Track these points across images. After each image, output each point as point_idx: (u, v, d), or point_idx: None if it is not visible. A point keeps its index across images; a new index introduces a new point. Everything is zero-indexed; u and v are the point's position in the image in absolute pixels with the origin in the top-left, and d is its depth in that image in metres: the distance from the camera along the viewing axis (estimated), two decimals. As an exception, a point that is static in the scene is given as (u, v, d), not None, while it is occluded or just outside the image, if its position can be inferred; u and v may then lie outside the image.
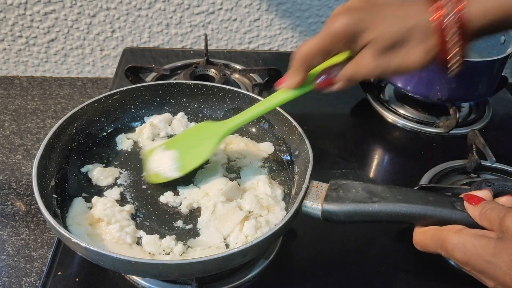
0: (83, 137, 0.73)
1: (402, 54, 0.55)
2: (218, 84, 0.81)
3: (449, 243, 0.51)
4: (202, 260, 0.51)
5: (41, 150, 0.62)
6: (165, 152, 0.70)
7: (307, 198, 0.59)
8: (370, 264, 0.67)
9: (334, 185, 0.60)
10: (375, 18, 0.54)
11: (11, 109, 1.00)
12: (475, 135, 0.82)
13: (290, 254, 0.68)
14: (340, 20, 0.54)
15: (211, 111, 0.82)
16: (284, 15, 1.18)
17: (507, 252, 0.45)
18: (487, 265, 0.47)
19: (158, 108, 0.81)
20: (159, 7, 1.13)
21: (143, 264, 0.51)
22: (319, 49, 0.56)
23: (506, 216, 0.47)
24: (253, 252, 0.56)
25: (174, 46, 1.20)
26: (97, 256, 0.52)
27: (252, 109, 0.66)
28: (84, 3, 1.10)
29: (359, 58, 0.56)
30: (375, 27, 0.54)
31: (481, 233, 0.49)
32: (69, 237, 0.52)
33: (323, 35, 0.56)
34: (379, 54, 0.55)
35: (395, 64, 0.55)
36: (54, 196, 0.63)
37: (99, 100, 0.74)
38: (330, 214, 0.58)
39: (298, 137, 0.71)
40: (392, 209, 0.56)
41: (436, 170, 0.81)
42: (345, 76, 0.59)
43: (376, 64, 0.55)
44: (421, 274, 0.66)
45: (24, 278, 0.67)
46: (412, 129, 0.95)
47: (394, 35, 0.54)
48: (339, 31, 0.54)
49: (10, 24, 1.11)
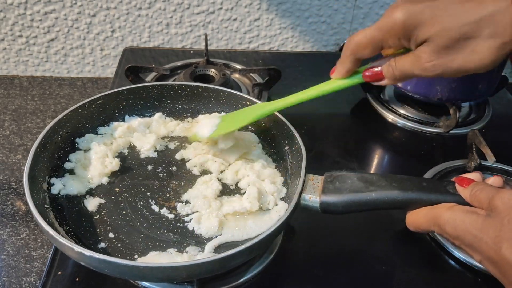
0: (68, 145, 0.71)
1: (468, 51, 0.49)
2: (202, 84, 0.80)
3: (441, 218, 0.52)
4: (210, 260, 0.51)
5: (30, 160, 0.61)
6: (212, 118, 0.73)
7: (304, 191, 0.60)
8: (370, 263, 0.67)
9: (329, 177, 0.61)
10: (437, 11, 0.49)
11: (11, 109, 1.00)
12: (475, 135, 0.82)
13: (290, 254, 0.68)
14: (398, 12, 0.50)
15: (196, 111, 0.81)
16: (284, 15, 1.18)
17: (493, 228, 0.47)
18: (474, 239, 0.48)
19: (142, 111, 0.79)
20: (159, 7, 1.13)
21: (151, 268, 0.51)
22: (370, 41, 0.53)
23: (494, 196, 0.49)
24: (259, 248, 0.56)
25: (174, 45, 1.20)
26: (103, 264, 0.51)
27: (298, 94, 0.65)
28: (84, 2, 1.10)
29: (417, 55, 0.52)
30: (436, 20, 0.49)
31: (471, 209, 0.51)
32: (72, 247, 0.51)
33: (377, 26, 0.52)
34: (440, 51, 0.50)
35: (459, 63, 0.51)
36: (46, 206, 0.62)
37: (82, 106, 0.72)
38: (329, 205, 0.59)
39: (287, 132, 0.71)
40: (389, 196, 0.57)
41: (436, 170, 0.81)
42: (399, 72, 0.55)
43: (436, 63, 0.51)
44: (421, 274, 0.66)
45: (24, 278, 0.67)
46: (412, 129, 0.95)
47: (459, 29, 0.48)
48: (396, 24, 0.51)
49: (10, 23, 1.11)
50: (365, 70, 0.58)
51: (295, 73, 1.10)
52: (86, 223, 0.62)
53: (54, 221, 0.60)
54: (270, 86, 0.99)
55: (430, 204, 0.56)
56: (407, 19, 0.50)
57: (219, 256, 0.51)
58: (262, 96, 0.96)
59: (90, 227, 0.62)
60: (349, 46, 0.56)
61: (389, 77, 0.56)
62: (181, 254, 0.58)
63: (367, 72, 0.58)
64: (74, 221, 0.62)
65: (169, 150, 0.75)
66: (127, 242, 0.60)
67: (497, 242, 0.46)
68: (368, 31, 0.53)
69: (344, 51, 0.56)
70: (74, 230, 0.61)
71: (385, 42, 0.53)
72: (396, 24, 0.51)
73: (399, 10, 0.51)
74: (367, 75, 0.58)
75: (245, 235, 0.61)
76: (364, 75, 0.58)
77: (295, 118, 0.72)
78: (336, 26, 1.21)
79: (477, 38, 0.49)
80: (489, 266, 0.48)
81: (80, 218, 0.63)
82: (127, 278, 0.62)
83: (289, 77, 1.07)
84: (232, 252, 0.52)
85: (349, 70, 0.58)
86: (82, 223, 0.62)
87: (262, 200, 0.64)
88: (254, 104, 0.74)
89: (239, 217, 0.63)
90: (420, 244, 0.70)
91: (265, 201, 0.64)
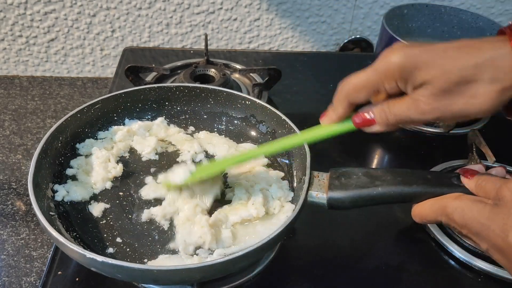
0: (69, 151, 0.71)
1: (468, 96, 0.48)
2: (200, 85, 0.80)
3: (449, 207, 0.53)
4: (223, 261, 0.51)
5: (32, 168, 0.60)
6: (187, 166, 0.67)
7: (311, 188, 0.60)
8: (370, 263, 0.67)
9: (334, 173, 0.61)
10: (436, 54, 0.48)
11: (11, 108, 1.00)
12: (475, 135, 0.82)
13: (290, 254, 0.68)
14: (395, 54, 0.49)
15: (194, 113, 0.81)
16: (284, 15, 1.18)
17: (500, 216, 0.48)
18: (482, 228, 0.49)
19: (141, 114, 0.79)
20: (159, 7, 1.13)
21: (165, 271, 0.50)
22: (366, 83, 0.52)
23: (502, 186, 0.49)
24: (269, 246, 0.56)
25: (174, 45, 1.20)
26: (115, 269, 0.51)
27: (282, 140, 0.62)
28: (84, 2, 1.10)
29: (415, 98, 0.50)
30: (436, 63, 0.48)
31: (478, 199, 0.52)
32: (83, 253, 0.51)
33: (374, 69, 0.51)
34: (440, 95, 0.48)
35: (459, 107, 0.49)
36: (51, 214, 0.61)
37: (81, 111, 0.72)
38: (336, 201, 0.59)
39: (288, 130, 0.71)
40: (395, 190, 0.58)
41: (436, 170, 0.81)
42: (393, 117, 0.52)
43: (435, 106, 0.49)
44: (421, 274, 0.66)
45: (24, 278, 0.67)
46: (412, 129, 0.95)
47: (459, 72, 0.47)
48: (393, 65, 0.49)
49: (10, 23, 1.11)
50: (354, 116, 0.55)
51: (295, 73, 1.10)
52: (92, 229, 0.62)
53: (61, 228, 0.60)
54: (270, 86, 0.99)
55: (436, 197, 0.56)
56: (405, 61, 0.49)
57: (231, 256, 0.52)
58: (262, 96, 0.96)
59: (97, 232, 0.62)
60: (343, 89, 0.54)
61: (381, 123, 0.53)
62: (191, 257, 0.58)
63: (356, 118, 0.55)
64: (81, 227, 0.62)
65: (170, 151, 0.75)
66: (135, 246, 0.60)
67: (504, 230, 0.47)
68: (363, 73, 0.52)
69: (337, 95, 0.54)
70: (81, 236, 0.61)
71: (381, 84, 0.51)
72: (393, 66, 0.49)
73: (396, 52, 0.50)
74: (357, 121, 0.55)
75: (256, 239, 0.60)
76: (354, 121, 0.55)
77: (295, 118, 0.72)
78: (336, 26, 1.21)
79: (477, 82, 0.47)
80: (496, 254, 0.49)
81: (87, 224, 0.63)
82: (139, 282, 0.62)
83: (289, 77, 1.07)
84: (245, 252, 0.52)
85: (341, 116, 0.55)
86: (88, 229, 0.62)
87: (268, 205, 0.64)
88: (228, 157, 0.72)
89: (247, 224, 0.63)
90: (420, 244, 0.70)
91: (271, 206, 0.64)
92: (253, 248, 0.52)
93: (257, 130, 0.78)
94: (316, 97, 1.03)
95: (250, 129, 0.79)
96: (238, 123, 0.79)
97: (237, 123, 0.79)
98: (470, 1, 1.19)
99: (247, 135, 0.79)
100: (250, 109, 0.78)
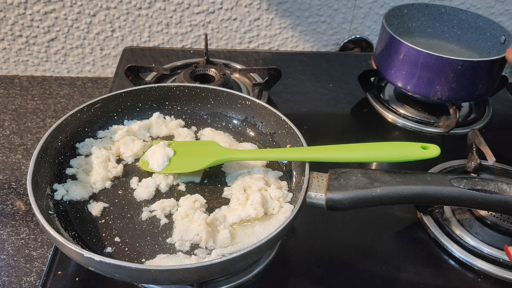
0: (69, 150, 0.71)
1: None
2: (200, 85, 0.80)
3: None
4: (221, 261, 0.51)
5: (32, 167, 0.60)
6: (165, 148, 0.70)
7: (310, 189, 0.60)
8: (370, 263, 0.67)
9: (333, 174, 0.61)
10: None
11: (11, 108, 1.00)
12: (475, 134, 0.82)
13: (290, 254, 0.68)
14: None
15: (194, 112, 0.81)
16: (284, 15, 1.18)
17: None
18: None
19: (140, 113, 0.79)
20: (159, 7, 1.13)
21: (163, 271, 0.50)
22: None
23: None
24: (268, 246, 0.56)
25: (174, 45, 1.20)
26: (113, 269, 0.51)
27: (260, 152, 0.68)
28: (84, 2, 1.10)
29: None
30: None
31: None
32: (81, 252, 0.51)
33: None
34: None
35: None
36: (50, 213, 0.62)
37: (81, 110, 0.72)
38: (335, 202, 0.59)
39: (288, 130, 0.71)
40: (394, 191, 0.57)
41: (436, 170, 0.81)
42: None
43: None
44: (421, 273, 0.66)
45: (24, 278, 0.67)
46: (412, 129, 0.95)
47: None
48: None
49: (10, 23, 1.11)
50: None
51: (295, 73, 1.10)
52: (91, 228, 0.62)
53: (59, 227, 0.60)
54: (270, 85, 0.99)
55: (435, 199, 0.56)
56: None
57: (229, 256, 0.52)
58: (262, 96, 0.96)
59: (95, 231, 0.62)
60: None
61: None
62: (189, 256, 0.58)
63: None
64: (79, 226, 0.62)
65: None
66: (133, 246, 0.60)
67: None
68: None
69: None
70: (80, 235, 0.61)
71: None
72: None
73: None
74: None
75: (254, 240, 0.60)
76: None
77: (295, 118, 0.72)
78: (336, 26, 1.21)
79: None
80: None
81: (85, 223, 0.63)
82: (137, 282, 0.62)
83: (289, 77, 1.07)
84: (243, 252, 0.52)
85: None
86: (87, 228, 0.62)
87: (266, 206, 0.64)
88: (213, 143, 0.72)
89: (246, 224, 0.63)
90: (420, 244, 0.70)
91: (270, 207, 0.64)
92: (251, 248, 0.52)
93: (257, 130, 0.78)
94: (316, 97, 1.03)
95: (250, 129, 0.79)
96: (238, 123, 0.79)
97: (237, 123, 0.79)
98: (470, 1, 1.19)
99: (247, 135, 0.79)
100: (250, 109, 0.78)
